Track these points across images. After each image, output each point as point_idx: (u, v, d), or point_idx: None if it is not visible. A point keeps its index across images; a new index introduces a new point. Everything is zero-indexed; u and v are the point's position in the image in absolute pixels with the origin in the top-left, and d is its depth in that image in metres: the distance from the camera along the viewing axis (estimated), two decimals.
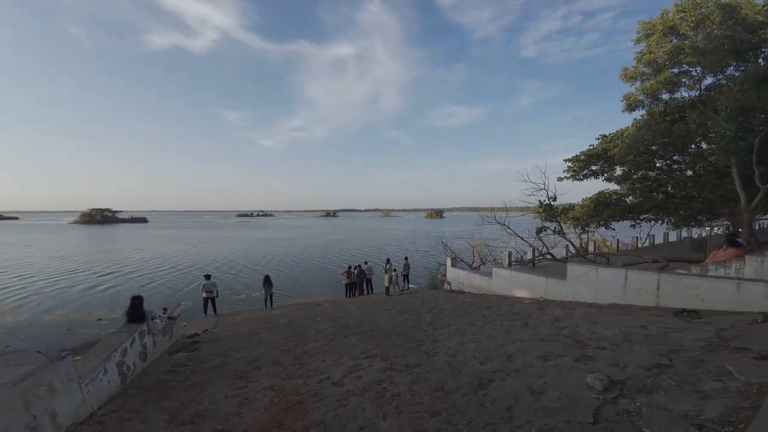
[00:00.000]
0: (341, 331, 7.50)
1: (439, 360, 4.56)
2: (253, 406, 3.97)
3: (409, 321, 7.69)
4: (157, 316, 6.97)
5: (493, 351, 4.62)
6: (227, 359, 6.24)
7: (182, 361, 6.42)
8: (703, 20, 12.54)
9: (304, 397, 3.97)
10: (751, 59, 11.43)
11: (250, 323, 9.92)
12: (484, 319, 6.87)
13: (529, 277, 9.88)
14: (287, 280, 22.40)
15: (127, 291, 19.26)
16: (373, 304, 11.11)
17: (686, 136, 13.32)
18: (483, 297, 10.26)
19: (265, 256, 34.62)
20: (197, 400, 4.34)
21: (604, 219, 17.40)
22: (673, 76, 13.59)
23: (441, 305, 9.25)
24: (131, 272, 25.53)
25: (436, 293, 12.74)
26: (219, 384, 4.91)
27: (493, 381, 3.61)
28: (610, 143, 17.18)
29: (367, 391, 3.81)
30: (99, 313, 15.26)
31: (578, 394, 3.00)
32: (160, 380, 5.39)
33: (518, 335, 5.23)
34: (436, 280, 16.16)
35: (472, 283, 12.51)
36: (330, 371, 4.70)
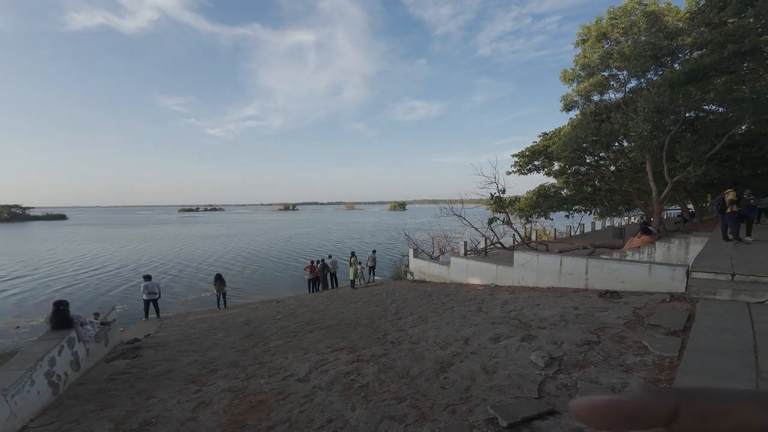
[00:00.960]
0: (305, 326, 7.39)
1: (404, 348, 4.73)
2: (210, 410, 3.80)
3: (375, 312, 7.81)
4: (87, 322, 6.34)
5: (451, 336, 4.91)
6: (177, 364, 5.84)
7: (123, 368, 5.94)
8: (631, 27, 14.09)
9: (267, 396, 3.89)
10: (668, 64, 12.68)
11: (202, 325, 9.31)
12: (443, 306, 7.23)
13: (482, 265, 10.55)
14: (241, 278, 21.13)
15: (44, 296, 16.86)
16: (339, 298, 11.07)
17: (611, 135, 14.99)
18: (443, 285, 10.74)
19: (213, 253, 32.07)
20: (145, 408, 4.09)
21: (544, 210, 19.11)
22: (604, 79, 15.15)
23: (405, 295, 9.51)
24: (47, 275, 22.30)
25: (400, 284, 13.06)
26: (169, 390, 4.62)
27: (452, 364, 3.86)
28: (550, 140, 18.81)
29: (335, 384, 3.84)
30: (14, 320, 13.20)
31: (524, 371, 3.34)
32: (99, 389, 5.00)
33: (473, 320, 5.61)
34: (399, 271, 16.52)
35: (432, 272, 13.01)
36: (294, 368, 4.64)
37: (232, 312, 11.41)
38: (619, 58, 13.39)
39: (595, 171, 18.48)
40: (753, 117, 10.91)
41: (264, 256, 30.47)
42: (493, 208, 16.99)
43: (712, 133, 12.16)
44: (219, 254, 31.81)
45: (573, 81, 16.38)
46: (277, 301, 12.38)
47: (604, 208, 19.67)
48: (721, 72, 10.56)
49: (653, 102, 11.58)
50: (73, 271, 23.81)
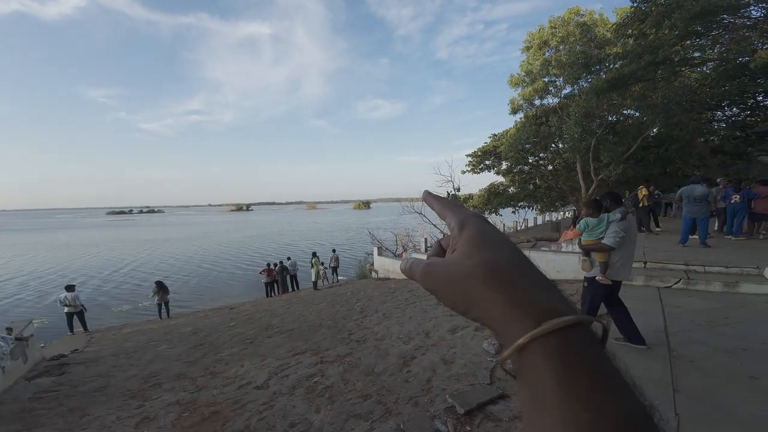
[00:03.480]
0: (263, 332, 7.05)
1: (369, 346, 4.75)
2: (156, 424, 3.50)
3: (339, 312, 7.69)
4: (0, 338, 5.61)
5: (413, 330, 5.04)
6: (112, 379, 5.26)
7: (49, 386, 5.32)
8: (568, 36, 15.46)
9: (221, 406, 3.65)
10: (597, 72, 13.88)
11: (141, 337, 8.40)
12: (406, 302, 7.36)
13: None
14: (185, 286, 19.35)
15: None
16: (300, 300, 10.71)
17: (548, 137, 16.42)
18: (406, 281, 10.93)
19: (150, 260, 28.94)
20: (80, 425, 3.71)
21: (495, 207, 20.40)
22: (544, 84, 16.51)
23: (370, 293, 9.51)
24: None
25: (366, 282, 13.03)
26: (106, 407, 4.18)
27: (415, 357, 3.97)
28: (499, 141, 20.09)
29: (297, 388, 3.72)
30: None
31: (478, 359, 3.56)
32: (23, 408, 4.47)
33: (433, 313, 5.81)
34: (365, 270, 16.47)
35: (396, 269, 13.17)
36: (251, 376, 4.41)
37: (176, 322, 10.44)
38: (557, 66, 14.66)
39: (536, 170, 20.12)
40: (662, 120, 12.56)
41: (212, 261, 28.25)
42: None
43: (629, 135, 13.84)
44: (158, 260, 28.80)
45: (518, 86, 17.64)
46: (230, 308, 11.63)
47: (544, 204, 21.51)
48: (637, 80, 11.81)
49: (583, 107, 12.89)
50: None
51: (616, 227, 3.06)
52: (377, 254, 14.87)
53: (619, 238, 3.03)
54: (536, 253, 8.00)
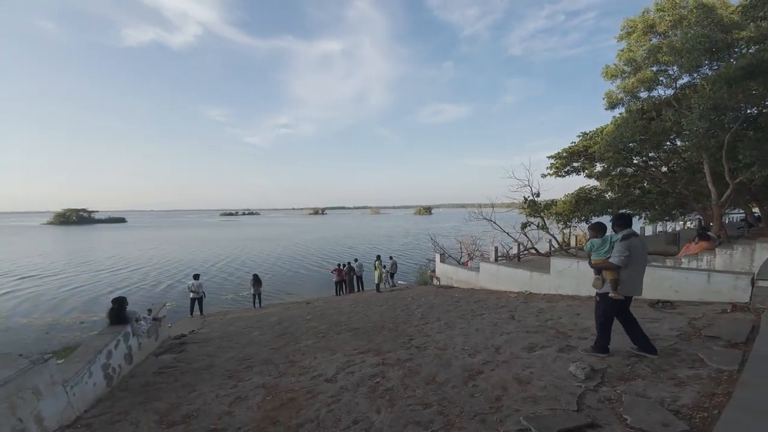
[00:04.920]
0: (333, 328, 7.52)
1: (430, 353, 4.66)
2: (245, 405, 3.96)
3: (400, 316, 7.78)
4: (141, 318, 6.81)
5: (481, 344, 4.76)
6: (217, 359, 6.18)
7: (170, 362, 6.31)
8: (681, 20, 13.03)
9: (297, 394, 4.00)
10: (724, 58, 11.66)
11: (240, 323, 9.82)
12: (472, 312, 7.04)
13: (515, 271, 10.14)
14: (275, 279, 22.14)
15: (106, 292, 18.69)
16: (364, 301, 11.16)
17: (662, 134, 13.84)
18: (471, 291, 10.47)
19: (251, 255, 34.04)
20: (188, 401, 4.29)
21: (585, 214, 18.01)
22: (651, 74, 14.07)
23: (431, 300, 9.40)
24: (108, 273, 24.75)
25: (426, 289, 12.92)
26: (209, 384, 4.86)
27: (482, 372, 3.74)
28: (591, 140, 17.74)
29: (360, 386, 3.87)
30: (79, 315, 14.77)
31: (562, 383, 3.15)
32: (147, 382, 5.29)
33: (505, 328, 5.40)
34: (425, 276, 16.37)
35: (460, 278, 12.73)
36: (323, 368, 4.73)
37: (266, 311, 11.93)
38: (670, 52, 12.42)
39: (644, 172, 17.12)
40: None
41: (296, 258, 31.74)
42: (527, 212, 16.30)
43: None
44: (257, 255, 33.69)
45: (616, 77, 15.39)
46: (307, 303, 12.75)
47: (656, 212, 18.12)
48: None
49: (710, 98, 10.63)
50: (131, 269, 26.31)
51: (620, 246, 3.28)
52: (439, 261, 14.53)
53: (623, 257, 3.25)
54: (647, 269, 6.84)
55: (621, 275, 3.33)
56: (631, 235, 3.35)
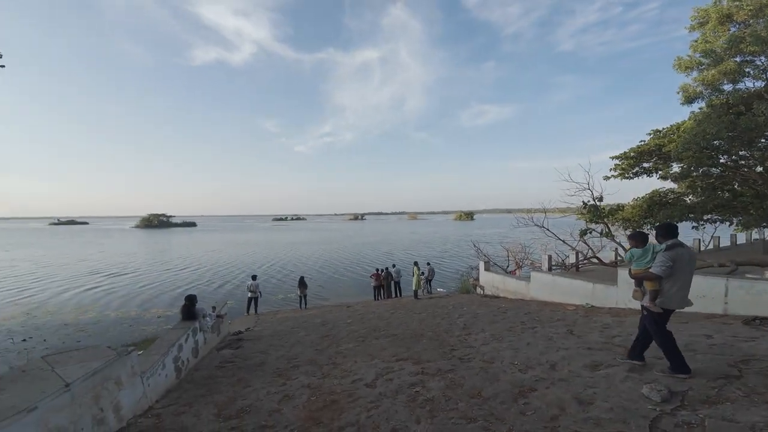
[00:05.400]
0: (372, 333, 7.54)
1: (475, 366, 4.42)
2: (292, 404, 4.07)
3: (440, 325, 7.55)
4: (207, 314, 7.28)
5: (533, 359, 4.41)
6: (268, 357, 6.50)
7: (228, 357, 6.67)
8: (762, 8, 11.40)
9: (339, 396, 4.04)
10: None
11: (288, 323, 10.32)
12: (522, 325, 6.57)
13: (573, 282, 9.30)
14: (318, 281, 23.02)
15: (176, 290, 20.91)
16: (402, 307, 11.07)
17: (754, 130, 11.87)
18: (520, 302, 9.83)
19: (297, 258, 36.00)
20: (242, 396, 4.49)
21: (660, 220, 15.93)
22: (735, 65, 12.28)
23: (474, 310, 9.00)
24: (178, 272, 27.73)
25: (468, 297, 12.42)
26: (261, 380, 5.08)
27: (534, 390, 3.45)
28: (665, 138, 15.77)
29: (399, 394, 3.78)
30: (156, 310, 16.67)
31: (632, 405, 2.80)
32: (209, 376, 5.55)
33: (562, 343, 4.94)
34: (467, 284, 15.76)
35: (507, 287, 12.04)
36: (362, 373, 4.74)
37: (311, 313, 12.42)
38: (755, 42, 10.80)
39: (734, 173, 14.73)
40: None
41: (337, 261, 32.94)
42: (588, 217, 14.92)
43: None
44: (304, 258, 35.60)
45: (692, 69, 13.67)
46: (348, 306, 12.99)
47: (751, 217, 15.44)
48: None
49: None
50: (195, 269, 29.19)
51: (663, 257, 3.17)
52: (483, 269, 13.84)
53: (666, 267, 3.13)
54: (739, 282, 5.86)
55: (662, 286, 3.21)
56: (676, 245, 3.23)
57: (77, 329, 13.64)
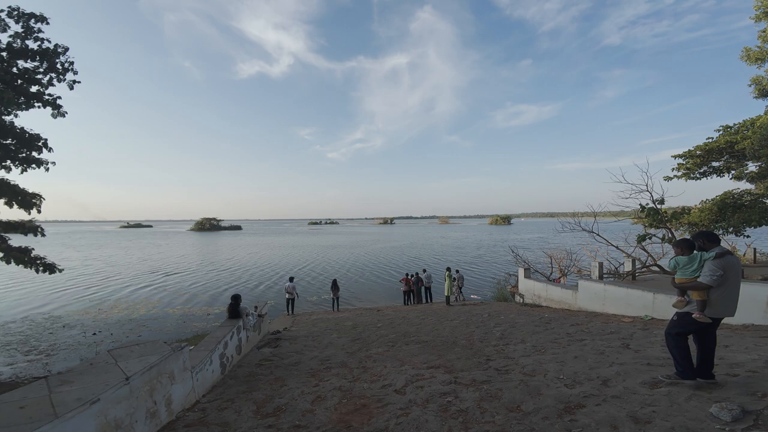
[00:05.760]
0: (401, 338, 7.41)
1: (514, 378, 4.13)
2: (324, 405, 4.07)
3: (475, 333, 7.22)
4: (250, 313, 7.62)
5: (582, 373, 4.01)
6: (303, 357, 6.62)
7: (268, 356, 6.87)
8: None
9: (369, 401, 3.97)
10: None
11: (321, 324, 10.49)
12: (568, 337, 6.06)
13: (629, 291, 8.44)
14: (348, 284, 23.28)
15: (222, 289, 22.29)
16: (433, 313, 10.79)
17: None
18: (566, 312, 9.12)
19: (330, 260, 36.86)
20: (279, 394, 4.58)
21: (735, 224, 14.01)
22: None
23: (513, 319, 8.50)
24: (224, 273, 29.54)
25: (506, 305, 11.79)
26: (296, 380, 5.16)
27: (583, 406, 3.12)
28: (737, 135, 13.92)
29: (430, 402, 3.62)
30: (206, 308, 17.87)
31: (698, 426, 2.48)
32: (250, 373, 5.71)
33: (616, 357, 4.46)
34: (504, 292, 14.97)
35: (551, 296, 11.26)
36: (392, 378, 4.63)
37: (342, 315, 12.52)
38: None
39: None
40: None
41: (368, 265, 33.09)
42: (646, 222, 13.52)
43: None
44: (336, 261, 36.33)
45: (763, 61, 12.12)
46: (378, 310, 12.95)
47: None
48: None
49: None
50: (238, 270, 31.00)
51: (712, 265, 3.07)
52: (523, 276, 13.02)
53: (717, 276, 3.04)
54: None
55: (711, 296, 3.11)
56: (726, 252, 3.14)
57: (139, 324, 14.95)
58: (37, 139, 8.68)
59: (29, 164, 8.85)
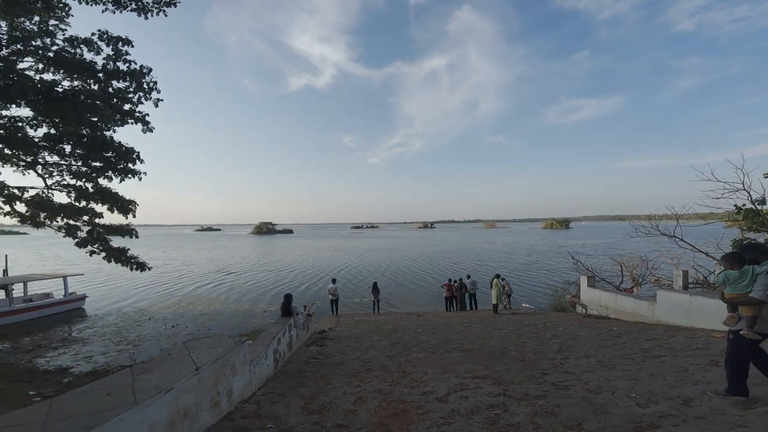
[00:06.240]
0: (443, 345, 7.12)
1: (574, 394, 3.69)
2: (365, 407, 4.03)
3: (527, 345, 6.67)
4: (300, 312, 7.99)
5: (659, 392, 3.47)
6: (346, 357, 6.69)
7: (314, 354, 7.07)
8: None
9: (409, 406, 3.84)
10: None
11: (363, 326, 10.54)
12: (643, 352, 5.30)
13: (722, 303, 7.15)
14: (388, 288, 23.15)
15: (277, 288, 23.79)
16: (479, 322, 10.23)
17: None
18: (640, 326, 8.02)
19: (370, 264, 37.34)
20: (324, 392, 4.63)
21: None
22: None
23: (573, 331, 7.71)
24: (275, 273, 31.64)
25: (565, 316, 10.75)
26: (339, 380, 5.22)
27: (657, 426, 2.72)
28: None
29: (476, 414, 3.38)
30: (263, 306, 19.19)
31: None
32: (299, 369, 5.87)
33: (702, 376, 3.80)
34: (563, 301, 13.68)
35: (621, 307, 10.04)
36: (433, 385, 4.44)
37: (383, 318, 12.48)
38: None
39: None
40: None
41: (407, 269, 32.75)
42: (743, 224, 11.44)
43: None
44: (377, 264, 36.69)
45: None
46: (417, 315, 12.67)
47: None
48: None
49: None
50: (288, 271, 32.96)
51: (766, 279, 2.94)
52: (586, 285, 11.71)
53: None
54: None
55: (762, 311, 3.00)
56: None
57: (209, 318, 16.52)
58: (131, 152, 9.73)
59: (126, 174, 9.93)
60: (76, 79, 8.95)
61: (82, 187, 9.86)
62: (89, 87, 9.05)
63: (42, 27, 8.56)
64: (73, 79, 8.94)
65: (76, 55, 8.88)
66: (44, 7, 7.93)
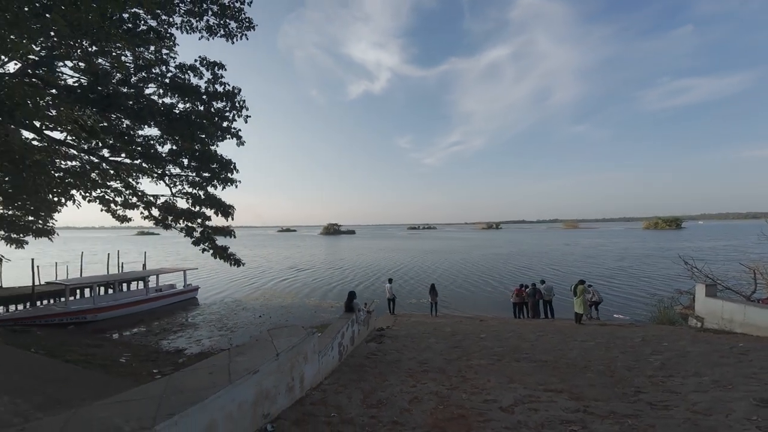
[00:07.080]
0: (510, 353, 6.62)
1: (676, 415, 3.16)
2: (420, 407, 3.99)
3: (619, 359, 5.83)
4: (361, 309, 8.28)
5: None
6: (402, 356, 6.70)
7: (373, 350, 7.27)
8: None
9: (468, 412, 3.68)
10: None
11: (420, 327, 10.41)
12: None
13: None
14: (443, 290, 22.48)
15: (339, 286, 25.06)
16: (556, 331, 9.23)
17: None
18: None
19: (427, 265, 36.62)
20: (381, 388, 4.72)
21: None
22: None
23: (683, 347, 6.56)
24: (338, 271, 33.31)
25: (671, 330, 9.22)
26: (396, 378, 5.26)
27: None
28: None
29: (546, 428, 3.08)
30: (330, 302, 20.44)
31: None
32: (360, 364, 6.07)
33: None
34: (670, 313, 11.72)
35: (752, 320, 8.33)
36: (497, 394, 4.16)
37: (440, 321, 12.16)
38: None
39: None
40: None
41: (463, 272, 31.23)
42: None
43: None
44: (435, 266, 35.83)
45: None
46: (480, 320, 11.99)
47: None
48: None
49: None
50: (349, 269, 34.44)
51: None
52: (704, 294, 9.79)
53: None
54: None
55: None
56: None
57: (287, 310, 18.23)
58: (230, 163, 11.21)
59: (226, 183, 11.41)
60: (188, 102, 10.41)
61: (197, 194, 11.64)
62: (197, 108, 10.50)
63: (157, 56, 9.95)
64: (185, 102, 10.41)
65: (185, 80, 10.25)
66: (156, 37, 9.10)
